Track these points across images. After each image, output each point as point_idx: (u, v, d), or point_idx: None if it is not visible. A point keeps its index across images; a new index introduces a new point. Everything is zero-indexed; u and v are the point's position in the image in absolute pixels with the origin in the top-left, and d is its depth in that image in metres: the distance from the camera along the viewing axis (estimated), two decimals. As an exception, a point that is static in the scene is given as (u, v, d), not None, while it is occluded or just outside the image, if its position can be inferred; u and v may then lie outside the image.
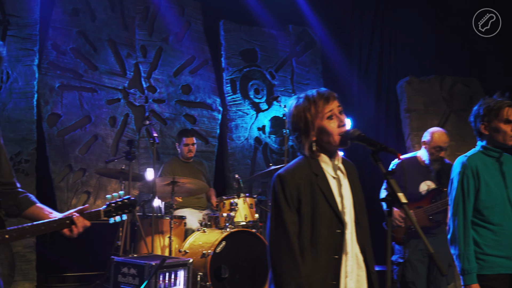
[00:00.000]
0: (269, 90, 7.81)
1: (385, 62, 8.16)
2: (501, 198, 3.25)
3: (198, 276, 4.93)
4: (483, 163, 3.32)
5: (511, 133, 3.25)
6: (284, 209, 2.39)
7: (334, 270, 2.39)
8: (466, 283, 3.16)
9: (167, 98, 7.03)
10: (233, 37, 7.59)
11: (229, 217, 5.39)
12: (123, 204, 2.79)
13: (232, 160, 7.39)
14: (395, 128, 7.62)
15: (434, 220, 4.85)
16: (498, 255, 3.20)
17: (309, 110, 2.44)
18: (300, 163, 2.49)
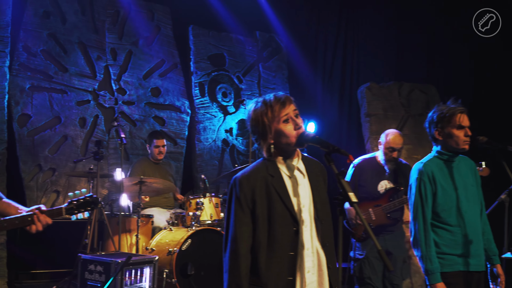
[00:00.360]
0: (236, 94, 7.82)
1: (348, 69, 8.24)
2: (457, 200, 3.31)
3: (164, 273, 4.90)
4: (438, 168, 3.37)
5: (464, 138, 3.31)
6: (235, 211, 2.43)
7: (290, 266, 2.41)
8: (431, 283, 3.21)
9: (137, 100, 6.98)
10: (202, 42, 7.58)
11: (195, 216, 5.39)
12: (85, 201, 2.76)
13: (200, 161, 7.38)
14: (357, 132, 7.70)
15: (392, 217, 4.92)
16: (456, 253, 3.26)
17: (266, 114, 2.46)
18: (258, 165, 2.52)
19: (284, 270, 2.40)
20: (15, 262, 5.86)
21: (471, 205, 3.33)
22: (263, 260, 2.39)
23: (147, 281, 4.58)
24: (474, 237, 3.29)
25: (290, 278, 2.40)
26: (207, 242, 5.20)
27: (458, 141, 3.29)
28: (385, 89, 7.25)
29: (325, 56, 8.32)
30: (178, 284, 4.88)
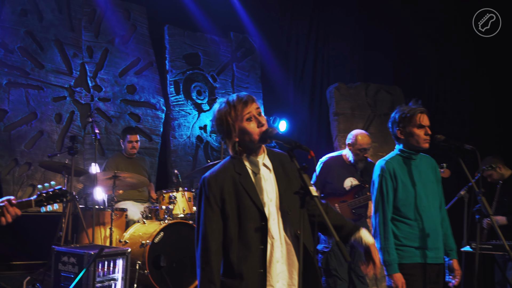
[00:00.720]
0: (211, 92, 7.80)
1: (318, 69, 8.28)
2: (417, 196, 3.37)
3: (137, 264, 4.88)
4: (399, 165, 3.42)
5: (424, 136, 3.36)
6: (205, 210, 2.45)
7: (261, 259, 2.42)
8: (388, 273, 3.26)
9: (113, 97, 6.92)
10: (177, 41, 7.54)
11: (168, 209, 5.38)
12: (54, 194, 2.74)
13: (174, 157, 7.35)
14: (326, 130, 7.75)
15: (357, 213, 4.97)
16: (415, 246, 3.31)
17: (229, 114, 2.47)
18: (225, 164, 2.53)
19: (255, 263, 2.41)
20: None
21: (430, 201, 3.38)
22: (235, 255, 2.41)
23: (119, 273, 4.54)
24: (433, 231, 3.34)
25: (261, 270, 2.41)
26: (179, 235, 5.19)
27: (418, 139, 3.34)
28: (353, 89, 7.31)
29: (296, 56, 8.35)
30: (151, 276, 4.87)
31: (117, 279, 4.53)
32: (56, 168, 5.74)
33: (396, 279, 3.22)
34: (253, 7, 8.00)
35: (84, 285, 4.24)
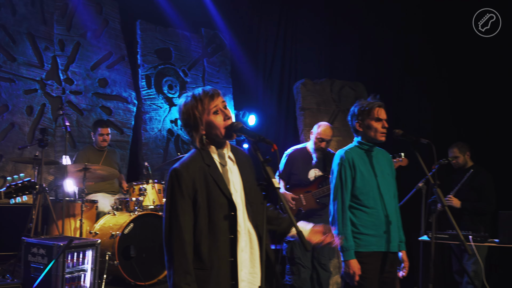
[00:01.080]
0: (182, 87, 7.75)
1: (286, 65, 8.29)
2: (373, 185, 3.40)
3: (107, 255, 4.83)
4: (358, 155, 3.46)
5: (381, 129, 3.41)
6: (178, 201, 2.38)
7: (231, 248, 2.41)
8: (345, 259, 3.29)
9: (84, 90, 6.80)
10: (149, 36, 7.45)
11: (138, 201, 5.34)
12: (22, 186, 2.68)
13: (145, 150, 7.28)
14: (293, 124, 7.77)
15: (321, 203, 5.02)
16: (372, 234, 3.35)
17: (196, 107, 2.44)
18: (194, 156, 2.49)
19: (225, 252, 2.40)
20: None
21: (387, 192, 3.43)
22: (206, 245, 2.37)
23: (89, 264, 4.48)
24: (389, 220, 3.38)
25: (231, 259, 2.40)
26: (149, 226, 5.16)
27: (375, 132, 3.39)
28: (319, 85, 7.34)
29: (265, 53, 8.34)
30: (120, 266, 4.83)
31: (87, 270, 4.46)
32: (26, 160, 5.63)
33: (352, 265, 3.25)
34: (224, 4, 7.97)
35: (54, 276, 4.17)
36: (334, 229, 3.38)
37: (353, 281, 3.25)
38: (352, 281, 3.26)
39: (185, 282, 2.30)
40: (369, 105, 3.41)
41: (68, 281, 4.28)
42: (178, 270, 2.32)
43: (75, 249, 4.33)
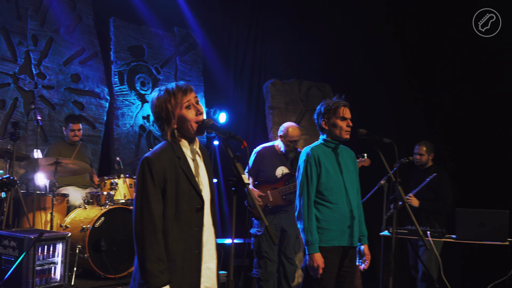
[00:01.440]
0: (154, 84, 7.67)
1: (256, 65, 8.30)
2: (338, 182, 3.44)
3: (77, 248, 4.76)
4: (323, 152, 3.50)
5: (346, 128, 3.46)
6: (150, 189, 2.33)
7: (197, 240, 2.41)
8: (309, 253, 3.32)
9: (57, 85, 6.66)
10: (122, 33, 7.35)
11: (109, 195, 5.27)
12: (2, 182, 2.63)
13: (117, 145, 7.18)
14: (262, 122, 7.79)
15: (287, 199, 5.05)
16: (334, 229, 3.38)
17: (169, 101, 2.42)
18: (165, 147, 2.46)
19: (191, 244, 2.39)
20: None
21: (350, 188, 3.48)
22: (171, 235, 2.35)
23: (59, 256, 4.41)
24: (350, 216, 3.43)
25: (196, 251, 2.40)
26: (120, 219, 5.10)
27: (341, 130, 3.44)
28: (287, 85, 7.37)
29: (236, 53, 8.33)
30: (90, 259, 4.76)
31: (57, 263, 4.40)
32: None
33: (316, 259, 3.29)
34: (196, 4, 7.93)
35: (24, 268, 4.10)
36: (299, 223, 3.42)
37: (316, 274, 3.29)
38: (315, 274, 3.29)
39: (158, 270, 2.26)
40: (335, 104, 3.46)
41: (39, 273, 4.21)
42: (151, 257, 2.26)
43: (45, 242, 4.27)
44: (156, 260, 2.27)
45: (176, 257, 2.36)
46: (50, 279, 4.33)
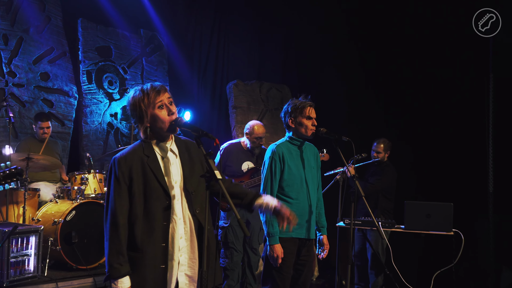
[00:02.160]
0: (121, 83, 7.56)
1: (219, 66, 8.29)
2: (300, 178, 3.50)
3: (49, 241, 4.67)
4: (288, 150, 3.54)
5: (311, 127, 3.52)
6: (115, 188, 2.38)
7: (164, 234, 2.41)
8: (270, 243, 3.36)
9: (26, 83, 6.47)
10: (90, 34, 7.21)
11: (80, 190, 5.18)
12: (10, 173, 2.56)
13: (86, 141, 7.05)
14: (225, 121, 7.81)
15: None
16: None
17: (143, 101, 2.43)
18: (135, 147, 2.48)
19: (158, 238, 2.40)
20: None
21: (311, 184, 3.54)
22: (139, 230, 2.37)
23: (32, 249, 4.32)
24: (309, 210, 3.49)
25: (163, 244, 2.40)
26: (91, 213, 5.03)
27: (306, 129, 3.50)
28: (249, 86, 7.41)
29: (200, 54, 8.30)
30: (62, 251, 4.68)
31: (30, 255, 4.31)
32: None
33: (276, 249, 3.34)
34: (162, 7, 7.86)
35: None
36: (262, 216, 3.46)
37: (276, 263, 3.35)
38: (275, 263, 3.35)
39: (117, 262, 2.31)
40: (301, 104, 3.51)
41: (13, 265, 4.12)
42: (112, 250, 2.32)
43: (19, 235, 4.18)
44: (116, 254, 2.32)
45: (143, 249, 2.37)
46: (24, 271, 4.24)
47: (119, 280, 2.32)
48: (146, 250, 2.37)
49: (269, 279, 3.39)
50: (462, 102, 6.26)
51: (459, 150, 6.25)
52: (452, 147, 6.32)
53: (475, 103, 6.01)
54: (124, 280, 2.33)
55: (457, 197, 5.37)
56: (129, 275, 2.35)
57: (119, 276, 2.31)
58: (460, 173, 6.16)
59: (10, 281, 4.05)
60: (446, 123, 6.39)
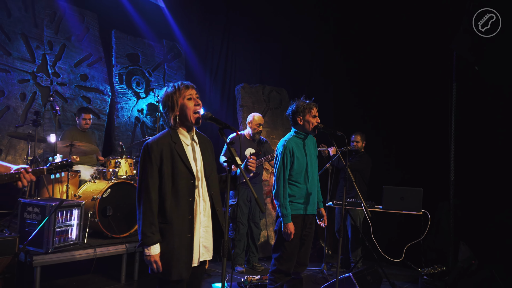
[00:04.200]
0: (147, 84, 7.51)
1: (228, 71, 8.25)
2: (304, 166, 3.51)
3: (89, 214, 4.65)
4: (295, 144, 3.54)
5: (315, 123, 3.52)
6: (148, 168, 2.36)
7: (190, 209, 2.40)
8: (284, 222, 3.37)
9: (68, 83, 6.42)
10: (122, 43, 7.15)
11: (114, 172, 5.15)
12: (61, 164, 2.56)
13: (117, 132, 7.01)
14: (233, 117, 7.78)
15: (255, 171, 5.10)
16: (299, 202, 3.45)
17: (175, 94, 2.45)
18: (164, 134, 2.47)
19: (185, 211, 2.39)
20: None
21: (313, 169, 3.54)
22: (169, 205, 2.36)
23: (75, 220, 4.30)
24: (312, 191, 3.50)
25: (189, 217, 2.40)
26: (123, 191, 5.00)
27: (310, 125, 3.49)
28: (254, 89, 7.36)
29: (212, 60, 8.24)
30: (100, 222, 4.66)
31: (73, 225, 4.29)
32: (21, 137, 5.27)
33: (289, 227, 3.36)
34: (181, 22, 7.82)
35: (46, 230, 3.98)
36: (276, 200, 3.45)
37: (289, 238, 3.37)
38: (288, 237, 3.37)
39: (150, 231, 2.30)
40: (309, 105, 3.51)
41: (58, 233, 4.10)
42: (145, 222, 2.31)
43: (64, 208, 4.15)
44: (149, 224, 2.31)
45: (172, 221, 2.36)
46: (67, 238, 4.22)
47: (151, 246, 2.31)
48: (174, 222, 2.36)
49: (280, 247, 3.41)
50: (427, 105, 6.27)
51: (427, 143, 6.26)
52: (421, 141, 6.33)
53: (439, 106, 6.01)
54: (155, 247, 2.32)
55: (426, 183, 5.39)
56: (159, 242, 2.33)
57: (152, 243, 2.31)
58: (427, 164, 6.18)
59: (55, 247, 4.03)
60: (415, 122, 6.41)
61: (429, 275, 4.79)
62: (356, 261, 5.51)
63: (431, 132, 6.22)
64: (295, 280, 3.50)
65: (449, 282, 4.64)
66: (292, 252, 3.39)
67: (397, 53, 6.59)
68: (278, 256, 3.40)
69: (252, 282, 4.46)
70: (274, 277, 3.42)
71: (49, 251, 3.96)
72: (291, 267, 3.40)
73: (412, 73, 6.44)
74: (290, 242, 3.37)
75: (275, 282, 3.41)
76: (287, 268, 3.38)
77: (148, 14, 7.33)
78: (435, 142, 6.14)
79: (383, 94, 6.76)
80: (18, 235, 3.77)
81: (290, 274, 3.43)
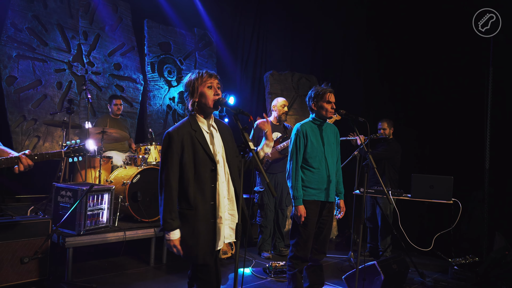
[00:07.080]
0: (178, 72, 7.55)
1: (258, 59, 8.16)
2: (320, 152, 3.39)
3: (119, 198, 4.72)
4: (310, 128, 3.43)
5: (331, 110, 3.40)
6: (169, 157, 2.34)
7: (212, 194, 2.38)
8: (295, 205, 3.30)
9: (102, 72, 6.54)
10: (154, 32, 7.19)
11: (144, 158, 5.21)
12: (78, 148, 2.58)
13: (149, 120, 7.10)
14: (262, 105, 7.70)
15: (282, 153, 5.05)
16: (315, 187, 3.35)
17: (197, 80, 2.43)
18: (184, 123, 2.44)
19: (208, 197, 2.36)
20: (3, 189, 5.42)
21: (330, 156, 3.42)
22: (192, 191, 2.34)
23: (105, 204, 4.38)
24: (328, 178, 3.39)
25: (212, 202, 2.37)
26: (152, 177, 5.04)
27: (326, 111, 3.38)
28: (282, 76, 7.24)
29: (243, 49, 8.18)
30: (130, 207, 4.73)
31: (104, 209, 4.36)
32: (57, 124, 5.41)
33: (300, 210, 3.28)
34: (212, 10, 7.77)
35: (78, 213, 4.06)
36: (289, 182, 3.39)
37: (299, 221, 3.29)
38: (299, 220, 3.29)
39: (170, 218, 2.30)
40: (323, 90, 3.39)
41: (89, 217, 4.18)
42: (166, 208, 2.31)
43: (95, 192, 4.22)
44: (169, 211, 2.30)
45: (196, 206, 2.34)
46: (98, 222, 4.30)
47: (171, 232, 2.31)
48: (198, 207, 2.35)
49: (296, 233, 3.34)
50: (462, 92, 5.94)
51: (460, 132, 5.95)
52: (454, 130, 6.03)
53: (474, 92, 5.68)
54: (175, 232, 2.32)
55: (457, 171, 5.14)
56: (179, 228, 2.33)
57: (172, 229, 2.31)
58: (460, 152, 5.88)
59: (86, 229, 4.12)
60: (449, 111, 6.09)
61: (460, 265, 4.57)
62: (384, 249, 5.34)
63: (465, 120, 5.90)
64: (314, 266, 3.44)
65: (481, 273, 4.42)
66: (308, 238, 3.31)
67: (431, 39, 6.27)
68: (294, 243, 3.35)
69: (276, 268, 4.41)
70: (292, 263, 3.38)
71: (81, 233, 4.05)
72: (308, 253, 3.34)
73: (447, 58, 6.11)
74: (305, 228, 3.29)
75: (293, 268, 3.37)
76: (304, 254, 3.32)
77: (179, 3, 7.33)
78: (468, 130, 5.83)
79: (416, 81, 6.47)
80: (52, 217, 3.87)
81: (307, 260, 3.37)
